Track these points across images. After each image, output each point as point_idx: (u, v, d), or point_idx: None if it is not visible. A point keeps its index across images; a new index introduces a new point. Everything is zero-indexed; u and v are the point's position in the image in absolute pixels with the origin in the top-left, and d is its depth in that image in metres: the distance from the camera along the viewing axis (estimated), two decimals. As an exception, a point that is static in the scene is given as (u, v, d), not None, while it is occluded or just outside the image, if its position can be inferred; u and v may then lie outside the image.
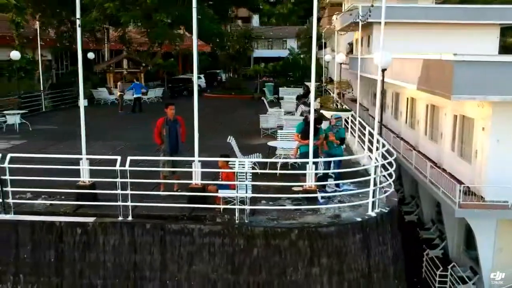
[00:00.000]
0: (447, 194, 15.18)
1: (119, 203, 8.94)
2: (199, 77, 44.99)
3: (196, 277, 8.78)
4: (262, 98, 26.73)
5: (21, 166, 9.46)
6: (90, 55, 30.08)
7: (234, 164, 9.41)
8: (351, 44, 48.85)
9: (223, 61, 42.16)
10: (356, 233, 8.97)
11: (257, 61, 65.35)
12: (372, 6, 13.42)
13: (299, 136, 10.72)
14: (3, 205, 9.06)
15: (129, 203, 8.95)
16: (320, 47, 57.73)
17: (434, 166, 16.51)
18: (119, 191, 8.90)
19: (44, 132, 18.41)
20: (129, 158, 8.96)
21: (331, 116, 10.70)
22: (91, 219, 8.93)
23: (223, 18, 39.01)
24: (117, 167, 8.88)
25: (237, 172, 8.87)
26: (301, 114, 19.78)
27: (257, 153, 12.39)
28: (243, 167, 8.88)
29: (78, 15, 9.70)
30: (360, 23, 17.18)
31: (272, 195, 9.60)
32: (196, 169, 9.56)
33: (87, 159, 9.78)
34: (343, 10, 53.79)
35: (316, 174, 9.97)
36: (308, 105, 24.71)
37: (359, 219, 9.09)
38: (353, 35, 49.06)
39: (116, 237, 8.85)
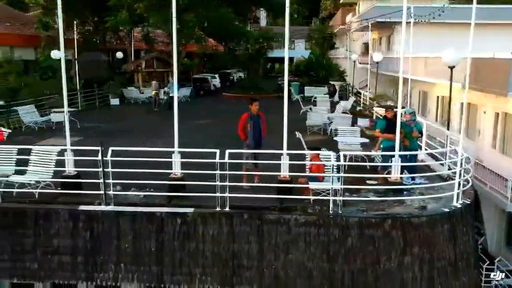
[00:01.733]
0: (496, 189, 15.59)
1: (217, 194, 9.28)
2: (214, 77, 45.45)
3: (292, 266, 9.12)
4: (296, 97, 27.10)
5: (116, 159, 9.74)
6: (119, 55, 30.40)
7: (324, 157, 9.79)
8: (366, 44, 49.32)
9: (241, 61, 42.50)
10: (445, 223, 9.33)
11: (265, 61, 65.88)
12: (447, 6, 13.74)
13: (380, 131, 11.12)
14: (105, 197, 9.38)
15: (226, 194, 9.28)
16: (331, 47, 58.15)
17: (480, 163, 16.91)
18: (218, 183, 9.24)
19: (93, 130, 18.70)
20: (227, 151, 9.31)
21: (405, 111, 11.07)
22: (190, 210, 9.27)
23: (244, 19, 39.42)
24: (217, 160, 9.23)
25: (332, 165, 9.21)
26: (343, 112, 20.16)
27: (323, 148, 12.72)
28: (335, 160, 9.26)
29: (174, 13, 10.01)
30: (412, 23, 17.49)
31: (360, 187, 9.98)
32: (285, 162, 9.92)
33: (179, 152, 10.11)
34: (357, 11, 54.40)
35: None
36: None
37: (447, 210, 9.45)
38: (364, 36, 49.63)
39: (215, 227, 9.18)
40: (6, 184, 9.99)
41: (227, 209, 9.28)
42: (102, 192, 9.38)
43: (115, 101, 27.87)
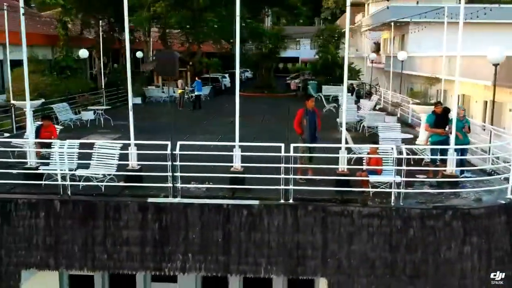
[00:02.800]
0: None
1: (282, 186, 9.58)
2: (224, 77, 45.80)
3: (355, 256, 9.42)
4: (315, 96, 27.37)
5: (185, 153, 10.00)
6: (139, 54, 30.67)
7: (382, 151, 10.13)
8: (377, 44, 49.67)
9: (254, 61, 42.90)
10: (502, 214, 9.63)
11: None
12: (499, 5, 14.03)
13: (430, 126, 11.45)
14: (173, 189, 9.67)
15: (290, 187, 9.58)
16: (337, 46, 58.19)
17: None
18: (282, 176, 9.55)
19: (127, 128, 18.91)
20: (292, 145, 9.62)
21: (458, 108, 11.35)
22: (256, 202, 9.56)
23: (257, 19, 39.79)
24: (282, 153, 9.54)
25: (394, 158, 9.53)
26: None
27: (370, 142, 13.07)
28: (395, 154, 9.58)
29: (238, 12, 10.32)
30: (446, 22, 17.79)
31: (420, 179, 10.31)
32: (343, 155, 10.25)
33: (239, 146, 10.40)
34: (366, 11, 54.79)
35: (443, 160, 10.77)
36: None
37: (503, 202, 9.77)
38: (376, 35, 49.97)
39: (280, 218, 9.48)
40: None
41: (291, 201, 9.58)
42: (170, 185, 9.68)
43: (137, 100, 28.01)
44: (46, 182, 10.29)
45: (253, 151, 10.51)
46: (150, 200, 9.67)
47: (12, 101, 16.62)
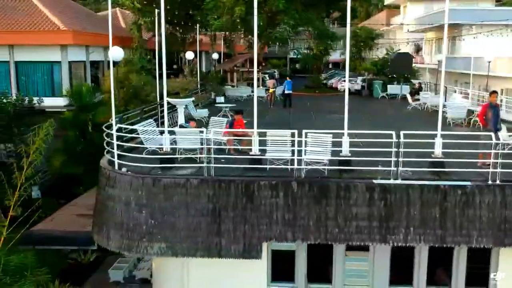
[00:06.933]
0: None
1: (490, 169, 11.16)
2: (265, 77, 47.40)
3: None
4: (382, 95, 29.14)
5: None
6: (215, 56, 32.22)
7: None
8: (417, 45, 51.31)
9: (305, 61, 44.62)
10: None
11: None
12: None
13: None
14: (397, 172, 11.22)
15: (498, 170, 11.14)
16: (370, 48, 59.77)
17: None
18: (491, 160, 11.12)
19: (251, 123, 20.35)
20: (500, 134, 11.20)
21: None
22: (468, 183, 11.13)
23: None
24: (493, 141, 11.10)
25: None
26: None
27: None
28: None
29: (348, 19, 11.83)
30: None
31: None
32: (531, 144, 11.86)
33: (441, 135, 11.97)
34: (402, 13, 56.52)
35: None
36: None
37: None
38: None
39: (490, 197, 11.04)
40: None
41: (497, 182, 11.13)
42: (394, 168, 11.23)
43: (220, 99, 29.53)
44: (275, 167, 11.81)
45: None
46: (376, 181, 11.21)
47: (167, 99, 18.06)
